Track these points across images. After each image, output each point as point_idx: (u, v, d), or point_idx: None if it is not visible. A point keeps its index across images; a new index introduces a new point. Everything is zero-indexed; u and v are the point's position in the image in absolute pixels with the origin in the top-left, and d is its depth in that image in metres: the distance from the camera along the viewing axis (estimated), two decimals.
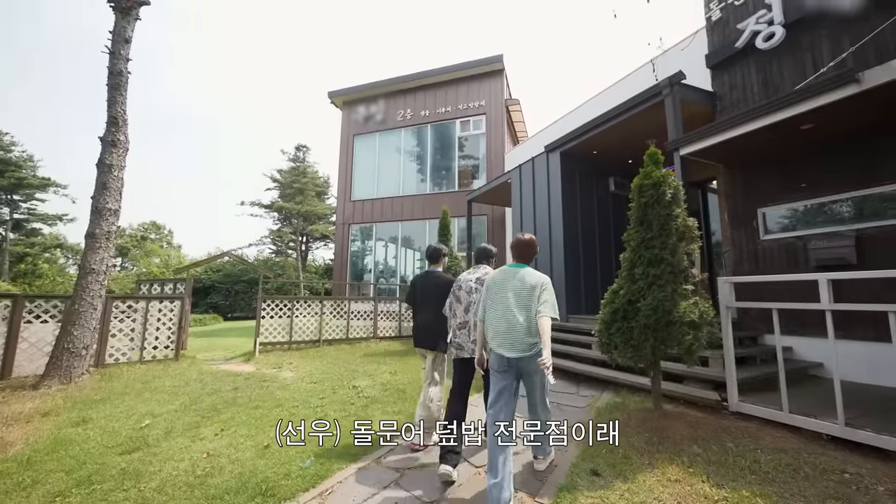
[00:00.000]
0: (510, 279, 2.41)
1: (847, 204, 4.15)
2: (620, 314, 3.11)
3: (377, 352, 7.43)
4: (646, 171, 3.26)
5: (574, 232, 6.89)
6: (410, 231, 13.10)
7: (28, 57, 55.33)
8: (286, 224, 27.25)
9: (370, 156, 13.89)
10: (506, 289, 2.39)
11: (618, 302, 3.15)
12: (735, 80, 5.22)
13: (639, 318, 2.97)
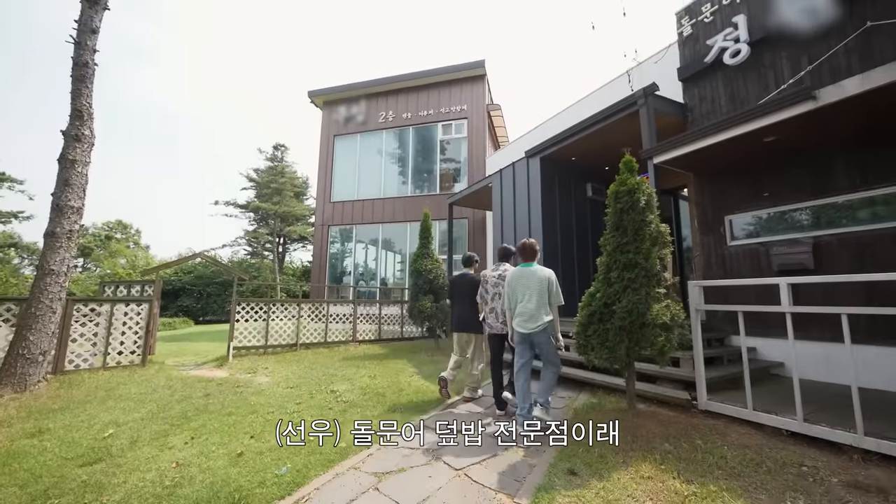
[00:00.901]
0: (525, 275, 3.34)
1: (805, 212, 4.42)
2: (597, 317, 3.19)
3: (356, 355, 7.33)
4: (621, 178, 3.37)
5: (553, 236, 7.02)
6: (391, 233, 13.02)
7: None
8: (263, 225, 26.57)
9: (351, 157, 13.74)
10: (522, 283, 3.34)
11: (594, 305, 3.23)
12: (705, 92, 5.48)
13: (614, 321, 3.05)
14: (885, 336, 3.69)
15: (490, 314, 3.92)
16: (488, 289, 3.96)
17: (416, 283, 7.27)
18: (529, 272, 3.32)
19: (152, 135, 78.69)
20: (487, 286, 3.97)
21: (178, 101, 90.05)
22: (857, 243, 4.02)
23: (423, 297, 7.16)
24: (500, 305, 3.76)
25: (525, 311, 3.26)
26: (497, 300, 3.82)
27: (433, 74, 12.80)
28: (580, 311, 3.40)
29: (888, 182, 3.85)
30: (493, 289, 3.90)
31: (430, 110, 12.83)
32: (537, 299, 3.21)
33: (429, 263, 7.25)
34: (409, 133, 13.13)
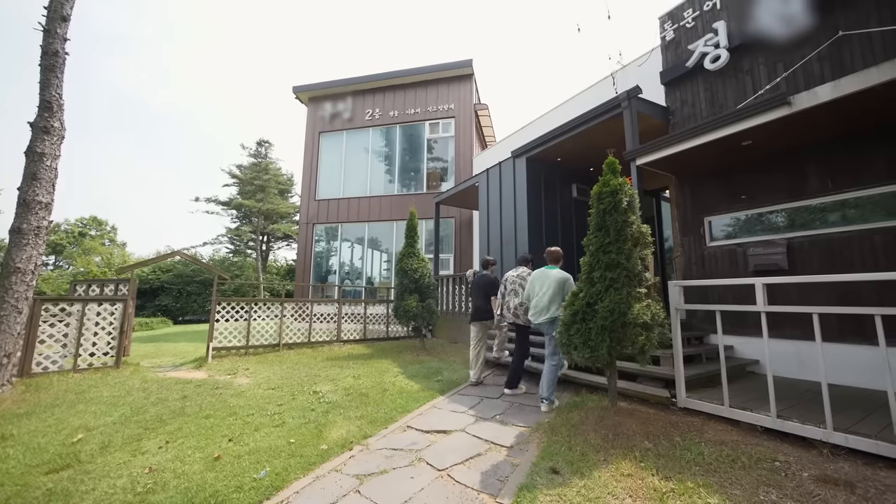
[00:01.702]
0: (546, 275, 4.00)
1: (781, 214, 4.56)
2: (580, 316, 3.22)
3: (340, 355, 7.24)
4: (604, 179, 3.41)
5: (539, 235, 7.07)
6: (377, 232, 12.92)
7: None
8: (246, 222, 26.02)
9: (336, 154, 13.57)
10: (540, 281, 4.01)
11: (577, 304, 3.26)
12: (686, 96, 5.60)
13: (596, 320, 3.08)
14: (854, 334, 3.83)
15: (503, 307, 4.64)
16: (507, 285, 4.63)
17: (402, 283, 7.22)
18: (550, 273, 3.98)
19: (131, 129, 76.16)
20: (507, 283, 4.65)
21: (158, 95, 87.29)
22: (829, 245, 4.16)
23: (409, 296, 7.12)
24: (512, 301, 4.50)
25: (539, 304, 3.95)
26: (511, 297, 4.53)
27: (421, 73, 12.74)
28: (563, 311, 3.42)
29: (858, 186, 4.00)
30: (510, 285, 4.57)
31: (417, 108, 12.77)
32: (551, 295, 3.85)
33: (415, 262, 7.21)
34: (395, 131, 13.04)
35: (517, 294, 4.48)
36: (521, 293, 4.44)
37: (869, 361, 3.63)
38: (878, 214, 3.87)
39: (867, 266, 3.88)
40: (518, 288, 4.49)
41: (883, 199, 3.86)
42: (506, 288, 4.65)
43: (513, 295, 4.52)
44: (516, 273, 4.62)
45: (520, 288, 4.47)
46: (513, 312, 4.48)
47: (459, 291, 8.97)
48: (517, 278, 4.55)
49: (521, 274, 4.56)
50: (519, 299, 4.44)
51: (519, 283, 4.51)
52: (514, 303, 4.48)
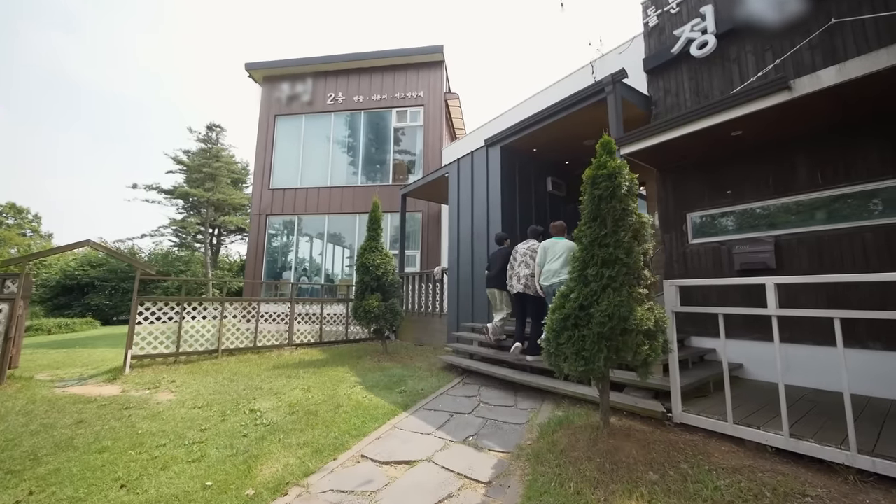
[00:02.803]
0: (555, 244, 4.27)
1: (768, 211, 4.33)
2: (571, 321, 2.71)
3: (290, 362, 6.39)
4: (599, 160, 2.92)
5: (513, 230, 6.59)
6: (339, 225, 11.99)
7: None
8: (194, 213, 23.87)
9: (294, 140, 12.46)
10: (552, 250, 4.26)
11: (568, 307, 2.74)
12: (669, 85, 5.30)
13: (591, 326, 2.58)
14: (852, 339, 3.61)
15: (513, 278, 4.77)
16: (517, 257, 4.80)
17: (363, 280, 6.48)
18: (559, 242, 4.29)
19: (60, 108, 68.25)
20: (517, 255, 4.82)
21: (93, 71, 78.82)
22: (818, 243, 3.96)
23: (370, 295, 6.40)
24: (523, 272, 4.65)
25: (550, 269, 4.20)
26: (522, 268, 4.68)
27: (388, 56, 11.94)
28: (551, 315, 2.90)
29: (849, 181, 3.80)
30: (521, 257, 4.75)
31: (383, 95, 11.97)
32: (562, 262, 4.10)
33: (377, 258, 6.50)
34: (360, 117, 12.16)
35: (528, 265, 4.65)
36: (531, 264, 4.62)
37: (864, 367, 3.42)
38: (869, 211, 3.68)
39: (857, 265, 3.69)
40: (529, 259, 4.66)
41: (875, 195, 3.67)
42: (516, 259, 4.82)
43: (523, 266, 4.68)
44: (527, 245, 4.78)
45: (531, 259, 4.65)
46: (523, 283, 4.61)
47: (427, 290, 8.35)
48: (528, 250, 4.71)
49: (531, 246, 4.72)
50: (529, 270, 4.62)
51: (530, 254, 4.68)
52: (524, 273, 4.64)
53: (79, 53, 78.38)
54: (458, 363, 5.49)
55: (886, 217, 3.58)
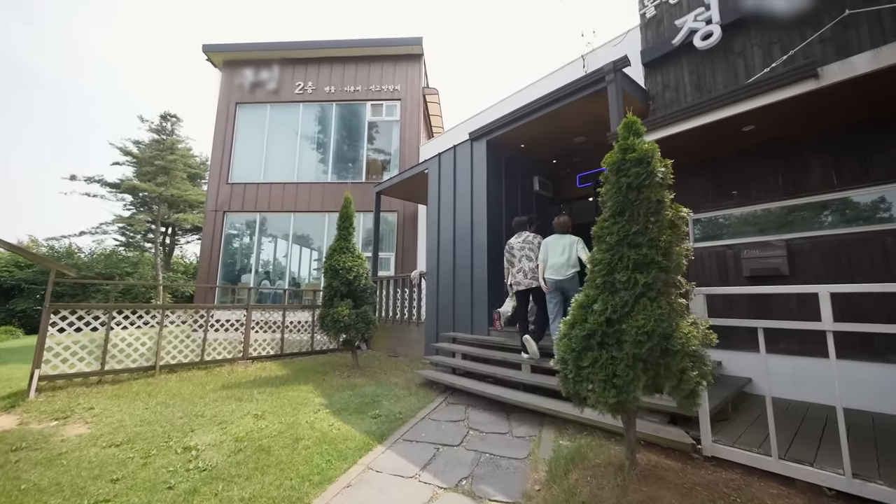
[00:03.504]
0: (559, 239, 4.12)
1: (778, 213, 4.04)
2: (597, 339, 2.17)
3: (244, 380, 5.51)
4: (625, 143, 2.42)
5: (499, 232, 6.08)
6: (306, 225, 11.06)
7: None
8: (144, 210, 21.81)
9: (257, 130, 11.42)
10: (555, 245, 4.11)
11: (592, 321, 2.20)
12: (668, 79, 4.98)
13: (625, 346, 2.05)
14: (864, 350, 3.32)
15: (518, 273, 4.45)
16: (515, 253, 4.51)
17: (331, 285, 5.73)
18: (562, 238, 4.13)
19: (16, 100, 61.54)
20: (514, 250, 4.52)
21: (30, 52, 71.81)
22: (835, 248, 3.68)
23: (339, 301, 5.65)
24: (527, 265, 4.39)
25: (555, 264, 4.05)
26: (525, 262, 4.41)
27: (364, 46, 11.21)
28: (566, 329, 2.36)
29: (868, 182, 3.55)
30: (519, 252, 4.47)
31: (357, 86, 11.21)
32: (567, 257, 4.02)
33: (348, 260, 5.77)
34: (331, 110, 11.33)
35: (531, 259, 4.40)
36: (532, 257, 4.40)
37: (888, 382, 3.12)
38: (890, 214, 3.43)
39: (878, 272, 3.42)
40: (529, 252, 4.43)
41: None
42: (514, 255, 4.52)
43: (526, 260, 4.42)
44: (521, 238, 4.52)
45: (531, 252, 4.42)
46: (530, 277, 4.37)
47: (403, 296, 7.67)
48: (524, 243, 4.47)
49: (526, 238, 4.50)
50: (533, 263, 4.38)
51: (528, 247, 4.44)
52: (528, 266, 4.39)
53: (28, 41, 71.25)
54: (440, 379, 4.86)
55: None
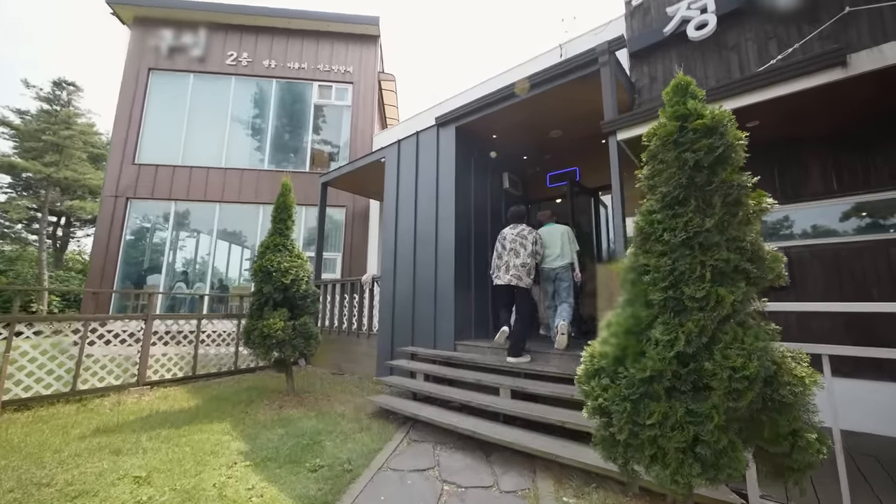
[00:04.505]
0: (551, 231, 4.45)
1: (774, 219, 3.76)
2: (664, 383, 1.46)
3: (132, 418, 4.13)
4: (683, 109, 1.79)
5: (467, 231, 5.35)
6: (236, 218, 9.48)
7: None
8: (28, 195, 17.98)
9: (176, 103, 9.60)
10: (548, 236, 4.40)
11: (655, 357, 1.50)
12: (656, 72, 4.62)
13: (712, 397, 1.37)
14: None
15: (501, 267, 4.19)
16: (506, 245, 4.23)
17: (262, 291, 4.56)
18: (554, 228, 4.44)
19: None
20: (506, 241, 4.25)
21: None
22: (834, 257, 3.44)
23: (272, 311, 4.51)
24: (513, 261, 4.12)
25: (551, 254, 4.28)
26: (512, 256, 4.14)
27: (312, 19, 9.95)
28: (608, 365, 1.63)
29: (870, 189, 3.34)
30: (510, 244, 4.20)
31: (303, 64, 9.90)
32: (560, 247, 4.27)
33: (284, 259, 4.65)
34: (271, 87, 9.88)
35: (518, 254, 4.13)
36: (522, 253, 4.12)
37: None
38: None
39: (882, 283, 3.20)
40: (518, 247, 4.15)
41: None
42: (504, 247, 4.24)
43: (513, 255, 4.15)
44: (515, 231, 4.24)
45: (520, 247, 4.15)
46: (512, 274, 4.08)
47: (351, 303, 6.62)
48: (517, 236, 4.20)
49: (521, 232, 4.21)
50: (521, 259, 4.10)
51: (520, 241, 4.16)
52: (514, 262, 4.12)
53: None
54: (398, 408, 3.97)
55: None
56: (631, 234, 1.91)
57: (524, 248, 4.12)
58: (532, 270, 4.16)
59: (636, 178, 2.03)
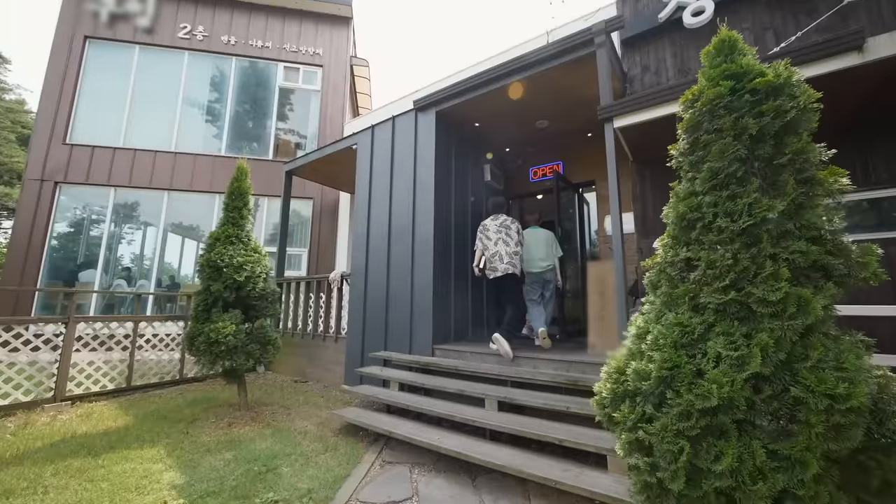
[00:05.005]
0: (535, 234, 4.39)
1: None
2: (733, 415, 1.10)
3: (38, 444, 3.38)
4: (731, 67, 1.48)
5: (446, 226, 4.93)
6: (189, 208, 8.56)
7: None
8: None
9: (118, 78, 8.52)
10: (533, 239, 4.34)
11: (719, 378, 1.13)
12: (649, 60, 4.40)
13: (806, 435, 1.02)
14: None
15: (494, 258, 4.04)
16: (490, 235, 4.12)
17: (209, 289, 3.90)
18: (539, 232, 4.41)
19: None
20: (489, 232, 4.14)
21: None
22: None
23: (222, 314, 3.88)
24: (504, 249, 4.01)
25: (536, 256, 4.23)
26: (501, 245, 4.04)
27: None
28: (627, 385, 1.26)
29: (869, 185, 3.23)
30: (495, 234, 4.10)
31: (267, 42, 9.10)
32: (545, 250, 4.26)
33: (238, 253, 4.02)
34: (230, 65, 9.00)
35: (507, 243, 4.07)
36: (510, 242, 4.07)
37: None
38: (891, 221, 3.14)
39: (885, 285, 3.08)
40: (505, 236, 4.09)
41: None
42: (489, 238, 4.14)
43: (502, 244, 4.07)
44: (498, 221, 4.18)
45: (507, 237, 4.09)
46: (507, 262, 4.00)
47: (317, 303, 6.03)
48: (501, 227, 4.14)
49: (504, 222, 4.17)
50: (511, 248, 4.05)
51: (505, 231, 4.12)
52: (505, 250, 4.04)
53: None
54: (369, 423, 3.48)
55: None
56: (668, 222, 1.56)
57: (510, 237, 4.10)
58: (522, 259, 4.17)
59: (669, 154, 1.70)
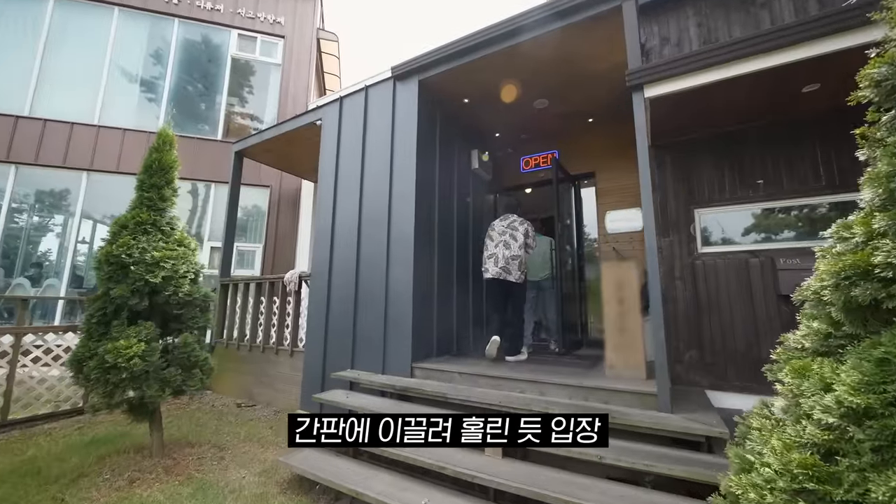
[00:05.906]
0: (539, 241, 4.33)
1: (824, 210, 3.07)
2: None
3: None
4: None
5: (430, 216, 4.12)
6: (113, 193, 7.17)
7: None
8: None
9: (24, 32, 7.01)
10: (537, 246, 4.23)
11: None
12: (668, 31, 3.82)
13: None
14: None
15: (489, 259, 3.88)
16: (494, 236, 3.94)
17: (109, 294, 2.86)
18: (541, 239, 4.41)
19: None
20: (494, 232, 3.96)
21: None
22: None
23: (126, 327, 2.84)
24: (502, 253, 3.81)
25: (534, 264, 4.27)
26: (501, 248, 3.84)
27: None
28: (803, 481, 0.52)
29: None
30: (499, 236, 3.91)
31: (219, 5, 7.87)
32: (542, 259, 4.43)
33: (154, 246, 2.99)
34: (171, 28, 7.69)
35: (509, 245, 3.79)
36: (512, 245, 3.78)
37: None
38: None
39: None
40: (509, 238, 3.82)
41: None
42: (492, 239, 3.90)
43: (503, 246, 3.80)
44: (506, 223, 3.92)
45: (511, 239, 3.81)
46: (501, 267, 3.75)
47: (270, 309, 5.01)
48: (507, 227, 3.88)
49: (511, 223, 3.90)
50: (511, 251, 3.76)
51: (510, 232, 3.84)
52: (503, 254, 3.78)
53: None
54: (329, 478, 2.58)
55: None
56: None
57: (514, 239, 3.82)
58: (524, 265, 3.87)
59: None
